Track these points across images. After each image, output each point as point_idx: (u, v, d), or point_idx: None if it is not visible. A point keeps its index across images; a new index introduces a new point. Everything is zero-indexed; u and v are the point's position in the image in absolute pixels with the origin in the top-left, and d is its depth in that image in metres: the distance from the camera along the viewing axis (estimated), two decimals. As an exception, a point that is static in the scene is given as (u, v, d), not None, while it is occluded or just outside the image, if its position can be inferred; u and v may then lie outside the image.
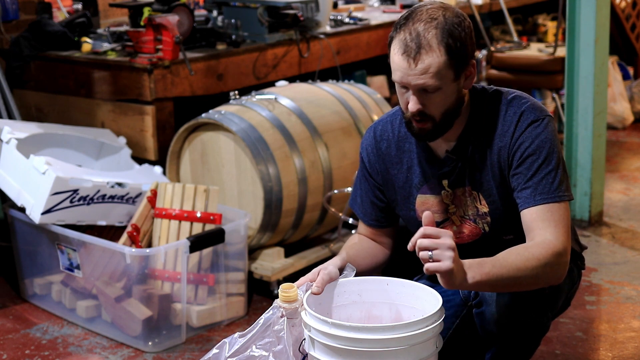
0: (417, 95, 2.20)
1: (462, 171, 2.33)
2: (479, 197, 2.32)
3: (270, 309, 2.21)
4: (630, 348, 3.12)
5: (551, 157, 2.23)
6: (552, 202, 2.20)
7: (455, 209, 2.37)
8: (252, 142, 3.54)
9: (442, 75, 2.16)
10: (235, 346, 2.18)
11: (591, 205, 4.30)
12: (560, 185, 2.22)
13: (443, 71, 2.16)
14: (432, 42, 2.14)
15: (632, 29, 6.70)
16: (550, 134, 2.25)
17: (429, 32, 2.14)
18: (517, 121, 2.26)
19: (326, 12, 4.50)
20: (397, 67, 2.19)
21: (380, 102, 4.08)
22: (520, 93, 2.33)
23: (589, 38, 4.17)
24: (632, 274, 3.75)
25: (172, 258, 3.32)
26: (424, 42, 2.14)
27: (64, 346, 3.31)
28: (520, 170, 2.24)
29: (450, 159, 2.33)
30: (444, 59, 2.15)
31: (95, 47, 4.15)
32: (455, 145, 2.32)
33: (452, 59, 2.16)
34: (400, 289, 2.29)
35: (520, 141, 2.25)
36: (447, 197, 2.37)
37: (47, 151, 3.76)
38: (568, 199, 2.23)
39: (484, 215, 2.33)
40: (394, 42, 2.20)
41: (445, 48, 2.15)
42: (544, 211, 2.19)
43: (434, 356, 2.12)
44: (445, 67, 2.16)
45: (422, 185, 2.38)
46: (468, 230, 2.37)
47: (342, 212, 3.76)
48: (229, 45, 4.16)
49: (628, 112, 6.14)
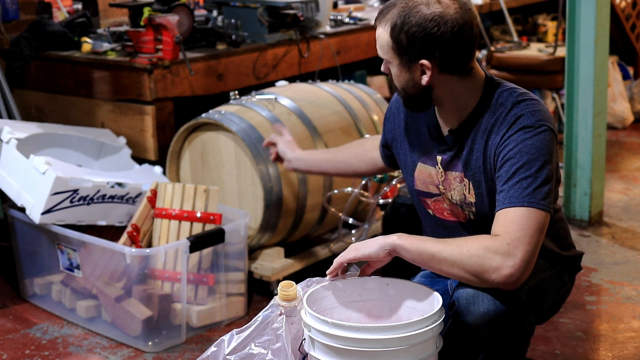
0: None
1: (457, 155, 2.34)
2: (469, 185, 2.33)
3: (269, 307, 2.21)
4: (630, 348, 3.12)
5: (533, 164, 2.18)
6: (519, 207, 2.14)
7: (445, 190, 2.39)
8: (252, 142, 3.54)
9: (385, 51, 2.29)
10: (234, 344, 2.18)
11: (591, 205, 4.30)
12: (535, 192, 2.15)
13: (386, 48, 2.28)
14: (389, 18, 2.26)
15: (632, 29, 6.70)
16: (539, 142, 2.20)
17: (394, 9, 2.25)
18: (513, 122, 2.25)
19: (326, 12, 4.50)
20: None
21: (380, 102, 4.08)
22: (532, 97, 2.30)
23: (589, 38, 4.17)
24: (632, 274, 3.75)
25: (172, 258, 3.32)
26: (384, 13, 2.27)
27: (64, 346, 3.31)
28: (500, 173, 2.23)
29: (449, 138, 2.36)
30: (387, 38, 2.27)
31: (95, 47, 4.15)
32: (457, 127, 2.35)
33: (395, 45, 2.25)
34: (400, 289, 2.29)
35: (506, 143, 2.24)
36: (438, 175, 2.39)
37: (47, 151, 3.76)
38: (539, 208, 2.15)
39: (470, 204, 2.34)
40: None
41: (391, 30, 2.25)
42: (506, 214, 2.15)
43: (434, 356, 2.12)
44: (388, 47, 2.28)
45: (423, 155, 2.43)
46: (456, 212, 2.40)
47: (342, 212, 3.76)
48: (229, 45, 4.16)
49: (628, 112, 6.14)
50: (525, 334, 2.31)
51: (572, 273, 2.51)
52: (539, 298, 2.32)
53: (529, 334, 2.33)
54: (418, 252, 2.16)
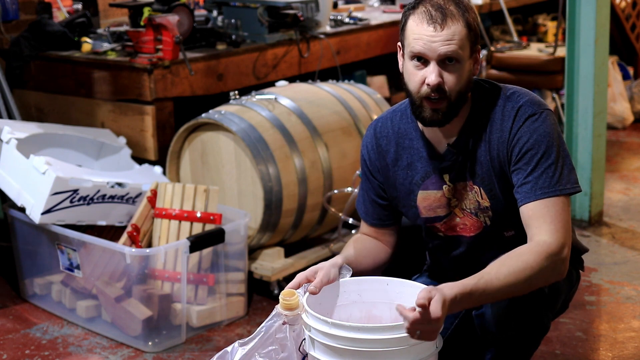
0: (438, 66, 2.21)
1: (462, 165, 2.33)
2: (480, 191, 2.32)
3: (271, 317, 2.20)
4: (630, 348, 3.12)
5: (550, 150, 2.22)
6: (551, 197, 2.19)
7: (457, 202, 2.37)
8: (252, 142, 3.54)
9: (463, 45, 2.21)
10: (238, 355, 2.17)
11: (591, 205, 4.30)
12: (560, 178, 2.20)
13: (464, 41, 2.21)
14: (455, 12, 2.20)
15: (632, 29, 6.70)
16: (549, 127, 2.24)
17: (451, 5, 2.21)
18: (515, 115, 2.26)
19: (326, 12, 4.50)
20: (419, 36, 2.21)
21: (380, 102, 4.08)
22: (519, 88, 2.33)
23: (589, 38, 4.17)
24: (632, 274, 3.75)
25: (172, 258, 3.32)
26: (448, 12, 2.20)
27: (64, 346, 3.31)
28: (520, 166, 2.24)
29: (451, 152, 2.33)
30: (465, 30, 2.21)
31: (95, 47, 4.15)
32: (456, 138, 2.32)
33: (470, 32, 2.22)
34: (400, 289, 2.29)
35: (518, 136, 2.24)
36: (449, 192, 2.37)
37: (47, 151, 3.76)
38: (570, 192, 2.22)
39: (485, 209, 2.33)
40: (411, 17, 2.24)
41: (464, 21, 2.21)
42: (541, 207, 2.19)
43: (434, 356, 2.12)
44: (466, 39, 2.21)
45: (423, 181, 2.38)
46: (470, 224, 2.37)
47: (342, 212, 3.76)
48: (229, 45, 4.16)
49: (628, 112, 6.14)
50: (543, 330, 2.33)
51: (578, 272, 2.51)
52: (556, 295, 2.34)
53: (545, 330, 2.35)
54: (487, 300, 2.14)
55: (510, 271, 2.09)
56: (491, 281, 2.08)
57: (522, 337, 2.31)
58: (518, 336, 2.30)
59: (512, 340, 2.31)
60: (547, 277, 2.16)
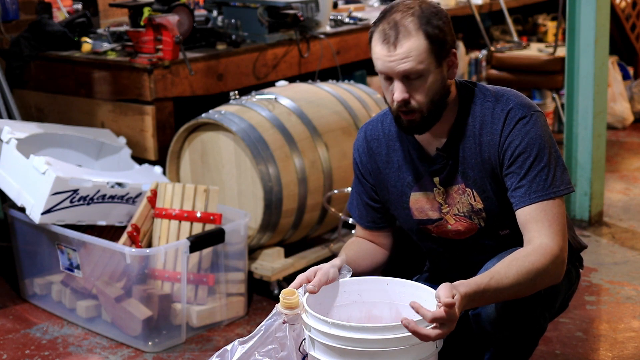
0: (402, 83, 2.20)
1: (453, 168, 2.32)
2: (473, 193, 2.32)
3: (271, 316, 2.20)
4: (630, 348, 3.12)
5: (542, 153, 2.22)
6: (546, 200, 2.19)
7: (449, 207, 2.36)
8: (252, 142, 3.54)
9: (422, 59, 2.17)
10: (237, 354, 2.17)
11: (591, 205, 4.30)
12: (554, 180, 2.21)
13: (423, 55, 2.17)
14: (410, 28, 2.17)
15: (632, 29, 6.70)
16: (539, 129, 2.24)
17: (407, 19, 2.17)
18: (505, 118, 2.25)
19: (326, 12, 4.50)
20: (378, 56, 2.21)
21: (380, 102, 4.08)
22: (507, 89, 2.32)
23: (589, 38, 4.17)
24: (632, 274, 3.75)
25: (172, 258, 3.32)
26: (402, 29, 2.17)
27: (64, 346, 3.31)
28: (513, 170, 2.24)
29: (440, 156, 2.33)
30: (424, 44, 2.17)
31: (95, 47, 4.15)
32: (445, 142, 2.32)
33: (432, 44, 2.18)
34: (400, 289, 2.29)
35: (509, 139, 2.24)
36: (440, 195, 2.36)
37: (47, 151, 3.76)
38: (565, 193, 2.22)
39: (479, 211, 2.33)
40: (373, 36, 2.23)
41: (424, 33, 2.17)
42: (537, 210, 2.19)
43: (434, 356, 2.12)
44: (426, 52, 2.17)
45: (415, 183, 2.38)
46: (464, 227, 2.37)
47: (342, 212, 3.76)
48: (229, 45, 4.16)
49: (628, 112, 6.14)
50: (540, 330, 2.34)
51: (577, 270, 2.51)
52: (554, 295, 2.34)
53: (542, 331, 2.36)
54: (496, 300, 2.15)
55: (518, 271, 2.11)
56: (501, 280, 2.09)
57: (519, 337, 2.32)
58: (515, 337, 2.31)
59: (509, 340, 2.32)
60: (549, 279, 2.17)
